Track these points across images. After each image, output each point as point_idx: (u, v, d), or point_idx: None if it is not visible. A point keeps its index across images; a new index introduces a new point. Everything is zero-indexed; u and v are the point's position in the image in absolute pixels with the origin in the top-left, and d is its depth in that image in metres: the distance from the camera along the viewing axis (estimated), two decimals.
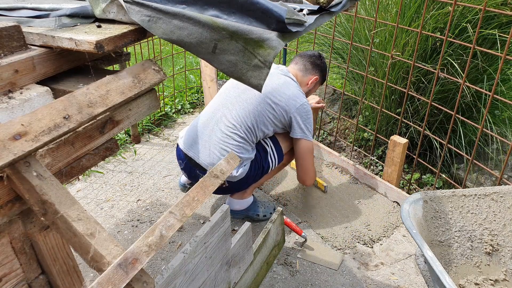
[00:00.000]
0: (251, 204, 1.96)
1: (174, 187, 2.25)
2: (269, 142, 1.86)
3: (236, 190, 1.88)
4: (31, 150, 0.62)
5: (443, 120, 2.29)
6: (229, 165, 0.90)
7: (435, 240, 1.36)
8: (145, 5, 0.85)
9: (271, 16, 0.83)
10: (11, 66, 0.74)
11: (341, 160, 2.39)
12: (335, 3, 1.00)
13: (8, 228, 0.73)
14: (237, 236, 1.31)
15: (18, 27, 0.78)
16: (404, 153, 2.07)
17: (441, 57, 1.85)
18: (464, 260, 1.37)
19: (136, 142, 2.69)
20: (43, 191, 0.64)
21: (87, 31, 0.83)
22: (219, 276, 1.22)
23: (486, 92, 1.75)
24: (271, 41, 0.81)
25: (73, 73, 0.90)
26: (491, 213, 1.38)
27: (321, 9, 0.95)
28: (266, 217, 1.98)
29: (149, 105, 0.92)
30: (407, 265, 1.75)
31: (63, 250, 0.85)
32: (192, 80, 3.57)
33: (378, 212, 2.06)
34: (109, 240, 0.64)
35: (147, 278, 0.65)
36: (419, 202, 1.35)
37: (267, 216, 1.98)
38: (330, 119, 2.97)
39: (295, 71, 1.93)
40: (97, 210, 2.04)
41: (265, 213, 1.98)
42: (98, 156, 0.85)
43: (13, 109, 0.71)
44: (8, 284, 0.76)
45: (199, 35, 0.83)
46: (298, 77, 1.92)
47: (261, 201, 2.02)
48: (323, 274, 1.70)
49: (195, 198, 0.78)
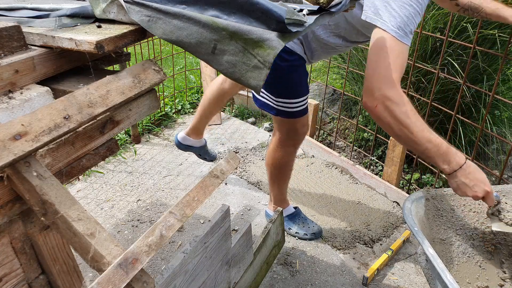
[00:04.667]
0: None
1: (174, 187, 2.25)
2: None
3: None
4: (31, 150, 0.62)
5: (443, 120, 2.29)
6: (229, 165, 0.90)
7: (437, 238, 1.36)
8: (145, 5, 0.85)
9: (271, 17, 0.83)
10: (11, 66, 0.74)
11: (341, 160, 2.39)
12: (335, 3, 1.00)
13: (8, 228, 0.73)
14: (237, 236, 1.31)
15: (18, 27, 0.78)
16: (404, 153, 2.07)
17: (441, 57, 1.85)
18: (465, 259, 1.37)
19: (136, 142, 2.69)
20: (43, 191, 0.64)
21: (87, 31, 0.83)
22: (219, 276, 1.22)
23: (486, 92, 1.75)
24: (271, 41, 0.81)
25: (73, 73, 0.90)
26: None
27: (321, 9, 0.95)
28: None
29: (149, 105, 0.92)
30: (407, 265, 1.75)
31: (63, 250, 0.85)
32: (192, 80, 3.58)
33: (378, 212, 2.06)
34: (109, 240, 0.64)
35: (147, 278, 0.65)
36: (421, 200, 1.35)
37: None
38: (330, 119, 2.97)
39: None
40: (97, 210, 2.04)
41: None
42: (98, 156, 0.85)
43: (13, 109, 0.71)
44: (8, 284, 0.76)
45: (199, 35, 0.83)
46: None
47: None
48: (323, 274, 1.70)
49: (195, 198, 0.78)
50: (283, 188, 1.89)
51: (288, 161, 1.79)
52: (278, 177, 1.84)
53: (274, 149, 1.75)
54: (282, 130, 1.69)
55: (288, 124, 1.65)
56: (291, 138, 1.70)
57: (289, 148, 1.73)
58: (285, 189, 1.90)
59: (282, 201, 1.92)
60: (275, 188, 1.88)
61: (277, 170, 1.80)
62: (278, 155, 1.75)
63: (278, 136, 1.72)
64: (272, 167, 1.80)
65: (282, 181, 1.86)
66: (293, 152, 1.76)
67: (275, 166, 1.79)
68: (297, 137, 1.70)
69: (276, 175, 1.83)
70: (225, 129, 2.92)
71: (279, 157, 1.75)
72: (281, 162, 1.77)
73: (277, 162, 1.77)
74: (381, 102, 1.11)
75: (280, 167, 1.79)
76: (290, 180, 1.89)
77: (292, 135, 1.69)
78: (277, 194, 1.90)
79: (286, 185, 1.89)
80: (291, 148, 1.74)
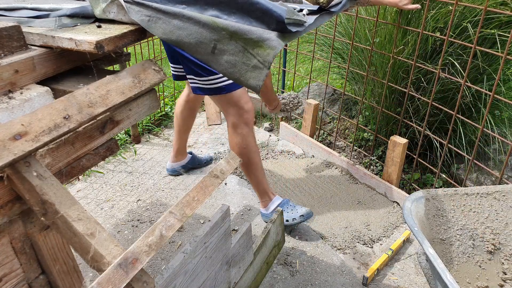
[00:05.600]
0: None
1: (174, 187, 2.25)
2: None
3: None
4: (31, 150, 0.62)
5: (443, 120, 2.28)
6: (229, 165, 0.90)
7: (437, 238, 1.36)
8: (145, 5, 0.85)
9: (271, 16, 0.83)
10: (11, 66, 0.74)
11: (341, 160, 2.39)
12: (335, 3, 1.00)
13: (8, 228, 0.73)
14: (237, 236, 1.31)
15: (18, 27, 0.78)
16: (404, 153, 2.07)
17: (442, 57, 1.85)
18: (465, 259, 1.37)
19: (136, 142, 2.69)
20: (43, 191, 0.64)
21: (87, 31, 0.83)
22: (219, 276, 1.22)
23: (486, 92, 1.75)
24: (271, 41, 0.81)
25: (73, 73, 0.90)
26: (493, 212, 1.38)
27: (321, 9, 0.95)
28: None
29: (149, 105, 0.92)
30: (407, 265, 1.74)
31: (63, 250, 0.85)
32: None
33: (378, 212, 2.06)
34: (109, 240, 0.64)
35: (147, 278, 0.65)
36: (421, 200, 1.35)
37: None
38: (330, 119, 2.97)
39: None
40: (97, 210, 2.04)
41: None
42: (98, 156, 0.85)
43: (13, 109, 0.71)
44: (8, 284, 0.76)
45: (199, 35, 0.83)
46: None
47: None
48: (323, 274, 1.70)
49: (195, 198, 0.78)
50: (260, 176, 1.86)
51: (248, 143, 1.78)
52: (248, 164, 1.83)
53: (231, 135, 1.78)
54: (228, 111, 1.74)
55: (229, 103, 1.70)
56: (239, 115, 1.72)
57: (243, 129, 1.75)
58: (263, 178, 1.88)
59: (265, 191, 1.90)
60: (253, 179, 1.87)
61: (243, 156, 1.80)
62: (236, 140, 1.77)
63: (229, 120, 1.76)
64: (238, 156, 1.81)
65: (255, 169, 1.84)
66: (249, 133, 1.77)
67: (239, 154, 1.79)
68: (245, 114, 1.73)
69: (246, 164, 1.83)
70: (225, 129, 2.92)
71: (238, 142, 1.77)
72: (241, 147, 1.78)
73: (239, 148, 1.78)
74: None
75: (245, 153, 1.79)
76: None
77: (239, 113, 1.72)
78: (259, 185, 1.88)
79: (261, 172, 1.87)
80: (245, 128, 1.75)
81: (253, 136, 1.80)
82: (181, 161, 2.33)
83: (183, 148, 2.30)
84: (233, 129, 1.76)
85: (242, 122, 1.74)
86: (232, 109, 1.71)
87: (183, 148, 2.29)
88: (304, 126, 2.64)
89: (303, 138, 2.62)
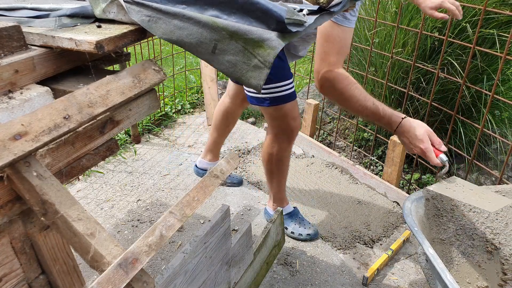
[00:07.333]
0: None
1: (174, 187, 2.25)
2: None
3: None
4: (31, 150, 0.62)
5: (443, 120, 2.29)
6: (229, 165, 0.90)
7: (437, 238, 1.36)
8: (145, 5, 0.85)
9: (271, 16, 0.83)
10: (11, 66, 0.74)
11: (341, 160, 2.39)
12: (335, 3, 1.00)
13: (8, 228, 0.73)
14: (237, 236, 1.31)
15: (18, 27, 0.78)
16: (404, 153, 2.07)
17: (441, 57, 1.85)
18: (465, 259, 1.37)
19: (136, 142, 2.69)
20: (43, 191, 0.64)
21: (87, 31, 0.83)
22: (219, 276, 1.22)
23: (486, 92, 1.75)
24: (271, 41, 0.81)
25: (73, 73, 0.90)
26: (493, 212, 1.38)
27: (321, 9, 0.95)
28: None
29: (149, 105, 0.92)
30: (407, 265, 1.75)
31: (63, 250, 0.85)
32: (192, 80, 3.58)
33: (378, 212, 2.06)
34: (109, 240, 0.64)
35: (147, 278, 0.65)
36: (421, 200, 1.35)
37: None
38: (330, 119, 2.97)
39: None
40: (97, 210, 2.04)
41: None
42: (98, 156, 0.85)
43: (13, 109, 0.71)
44: (8, 284, 0.76)
45: (199, 35, 0.83)
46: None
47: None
48: (323, 274, 1.70)
49: (195, 198, 0.78)
50: (281, 185, 1.89)
51: (283, 156, 1.79)
52: (275, 173, 1.84)
53: (269, 144, 1.77)
54: (274, 125, 1.72)
55: (279, 119, 1.67)
56: (284, 133, 1.71)
57: (283, 144, 1.74)
58: (283, 187, 1.90)
59: (281, 199, 1.92)
60: (274, 185, 1.88)
61: (273, 165, 1.81)
62: (273, 150, 1.76)
63: (272, 132, 1.74)
64: (268, 163, 1.81)
65: (279, 177, 1.86)
66: (287, 148, 1.77)
67: (271, 162, 1.80)
68: (290, 132, 1.71)
69: (273, 171, 1.83)
70: None
71: (274, 152, 1.76)
72: (276, 157, 1.78)
73: (273, 157, 1.78)
74: (321, 83, 1.36)
75: (276, 162, 1.80)
76: (290, 180, 1.89)
77: (285, 129, 1.70)
78: (276, 192, 1.90)
79: (284, 182, 1.89)
80: (285, 143, 1.74)
81: (290, 151, 1.81)
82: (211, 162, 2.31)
83: (216, 150, 2.30)
84: (272, 139, 1.75)
85: (285, 138, 1.73)
86: (278, 125, 1.70)
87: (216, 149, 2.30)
88: (304, 126, 2.64)
89: (303, 138, 2.62)
